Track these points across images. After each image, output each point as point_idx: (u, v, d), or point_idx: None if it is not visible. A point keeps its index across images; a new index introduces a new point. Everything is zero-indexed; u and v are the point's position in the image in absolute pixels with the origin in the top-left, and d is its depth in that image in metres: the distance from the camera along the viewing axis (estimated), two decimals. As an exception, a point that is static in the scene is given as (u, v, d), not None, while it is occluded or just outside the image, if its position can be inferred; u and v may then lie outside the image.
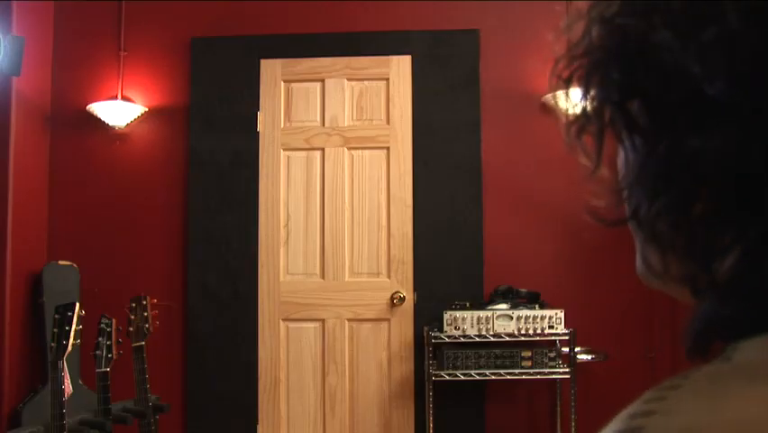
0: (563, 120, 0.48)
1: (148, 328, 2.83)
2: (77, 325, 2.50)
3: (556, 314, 3.30)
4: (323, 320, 3.71)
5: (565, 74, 0.47)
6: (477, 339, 3.31)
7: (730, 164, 0.40)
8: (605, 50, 0.45)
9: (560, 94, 2.79)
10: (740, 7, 0.39)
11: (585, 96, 0.47)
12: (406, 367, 3.65)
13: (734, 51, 0.39)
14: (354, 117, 3.78)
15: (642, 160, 0.44)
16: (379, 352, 3.68)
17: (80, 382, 3.48)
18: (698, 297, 0.44)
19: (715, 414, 0.37)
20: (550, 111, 3.57)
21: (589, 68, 0.46)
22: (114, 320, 2.66)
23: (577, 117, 0.47)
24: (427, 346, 3.39)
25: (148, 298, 2.88)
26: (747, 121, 0.39)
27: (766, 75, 0.39)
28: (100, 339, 2.60)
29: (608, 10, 0.45)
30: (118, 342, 2.67)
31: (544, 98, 3.59)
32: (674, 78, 0.41)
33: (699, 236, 0.42)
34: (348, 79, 3.79)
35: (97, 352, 2.59)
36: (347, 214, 3.74)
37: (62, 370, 2.46)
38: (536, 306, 3.37)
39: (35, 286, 3.54)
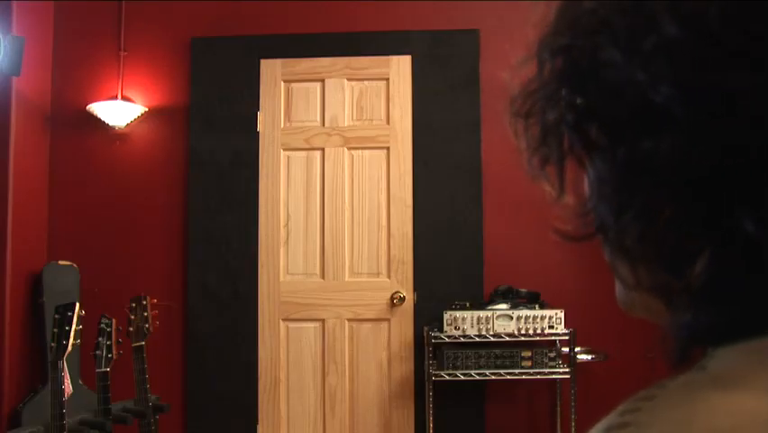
0: (524, 152, 0.49)
1: (148, 328, 2.83)
2: (77, 325, 2.50)
3: (556, 314, 3.30)
4: (323, 320, 3.71)
5: (524, 109, 0.48)
6: (477, 339, 3.31)
7: (683, 166, 0.41)
8: (556, 76, 0.46)
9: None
10: (675, 15, 0.40)
11: (543, 125, 0.47)
12: (406, 367, 3.65)
13: (674, 58, 0.40)
14: (354, 117, 3.78)
15: (602, 176, 0.45)
16: (379, 352, 3.68)
17: (80, 382, 3.48)
18: (671, 306, 0.45)
19: (687, 426, 0.37)
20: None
21: (544, 96, 0.47)
22: (114, 320, 2.66)
23: (537, 147, 0.48)
24: (427, 346, 3.39)
25: (148, 298, 2.88)
26: (694, 123, 0.40)
27: (706, 78, 0.40)
28: (100, 339, 2.60)
29: (556, 39, 0.46)
30: (118, 342, 2.67)
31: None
32: (623, 92, 0.42)
33: (667, 244, 0.43)
34: (348, 79, 3.79)
35: (97, 352, 2.59)
36: (347, 214, 3.74)
37: (62, 370, 2.46)
38: (536, 306, 3.37)
39: (35, 286, 3.54)
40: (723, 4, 0.40)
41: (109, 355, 2.60)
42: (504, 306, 3.37)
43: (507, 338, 3.30)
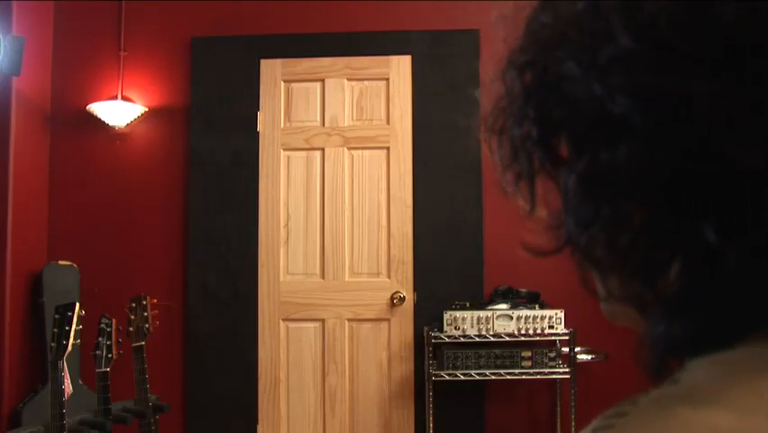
0: (498, 169, 0.50)
1: (148, 328, 2.83)
2: (77, 325, 2.50)
3: (556, 314, 3.30)
4: (323, 320, 3.71)
5: (497, 126, 0.49)
6: (477, 339, 3.31)
7: (641, 175, 0.41)
8: (522, 92, 0.47)
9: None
10: (629, 26, 0.41)
11: (512, 141, 0.48)
12: (406, 367, 3.65)
13: (629, 68, 0.41)
14: (354, 117, 3.78)
15: (568, 188, 0.45)
16: (379, 352, 3.68)
17: (80, 382, 3.48)
18: (645, 315, 0.45)
19: None
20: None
21: (512, 112, 0.48)
22: (114, 320, 2.66)
23: (509, 164, 0.49)
24: (427, 346, 3.39)
25: (148, 298, 2.88)
26: (652, 131, 0.40)
27: (662, 85, 0.40)
28: (100, 339, 2.60)
29: (519, 56, 0.47)
30: (118, 342, 2.67)
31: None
32: (583, 105, 0.43)
33: (636, 253, 0.43)
34: (348, 79, 3.79)
35: (97, 352, 2.59)
36: (347, 214, 3.74)
37: (62, 370, 2.46)
38: (536, 306, 3.37)
39: (35, 286, 3.54)
40: (674, 11, 0.40)
41: (109, 355, 2.60)
42: (504, 306, 3.37)
43: (507, 338, 3.30)
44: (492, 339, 3.30)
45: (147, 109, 3.77)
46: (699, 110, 0.39)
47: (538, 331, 3.29)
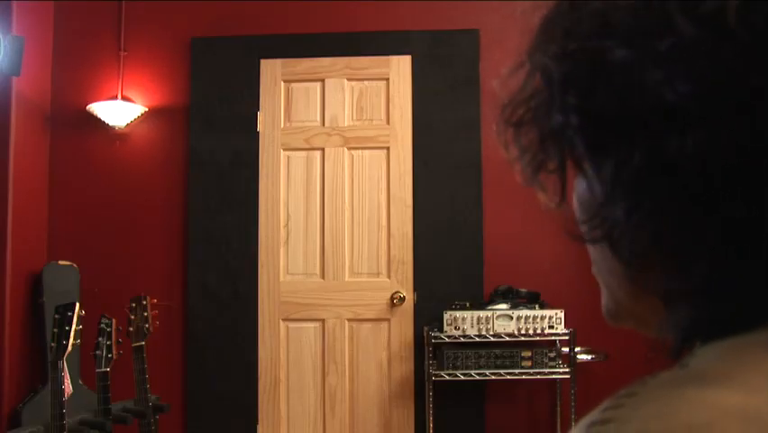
0: (515, 162, 0.49)
1: (148, 328, 2.83)
2: (77, 325, 2.50)
3: (556, 314, 3.30)
4: (323, 320, 3.71)
5: (515, 117, 0.48)
6: (477, 339, 3.31)
7: (702, 165, 0.41)
8: (555, 81, 0.46)
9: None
10: (691, 15, 0.41)
11: (541, 132, 0.47)
12: (406, 367, 3.65)
13: (691, 58, 0.41)
14: (354, 117, 3.78)
15: (613, 176, 0.44)
16: (379, 352, 3.68)
17: (80, 382, 3.48)
18: (671, 306, 0.45)
19: (666, 420, 0.38)
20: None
21: (542, 102, 0.47)
22: (114, 320, 2.66)
23: (534, 155, 0.48)
24: (427, 346, 3.39)
25: (148, 298, 2.88)
26: (715, 121, 0.40)
27: (725, 76, 0.40)
28: (100, 339, 2.60)
29: (553, 44, 0.46)
30: (118, 342, 2.67)
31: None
32: (637, 93, 0.42)
33: (682, 243, 0.43)
34: (348, 79, 3.79)
35: (97, 352, 2.59)
36: (347, 214, 3.74)
37: (62, 370, 2.46)
38: (536, 306, 3.37)
39: (35, 286, 3.54)
40: (741, 2, 0.40)
41: (109, 355, 2.60)
42: (504, 306, 3.37)
43: (507, 338, 3.30)
44: (492, 339, 3.30)
45: (147, 109, 3.77)
46: (760, 102, 0.40)
47: (538, 331, 3.29)
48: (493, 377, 3.33)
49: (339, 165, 3.76)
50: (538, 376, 3.34)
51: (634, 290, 0.48)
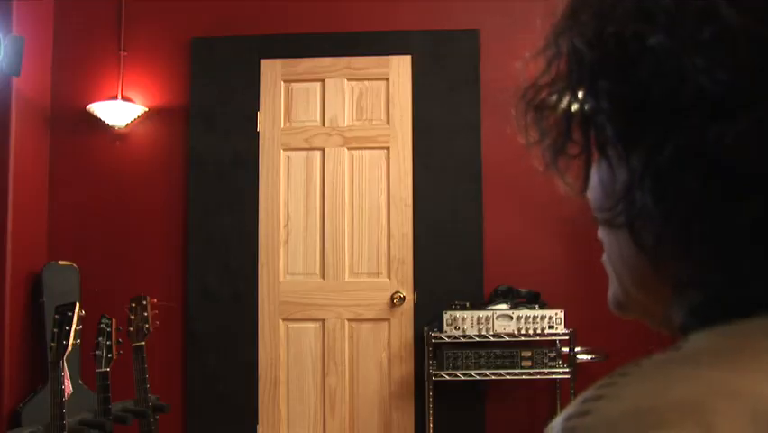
0: (534, 146, 0.49)
1: (148, 328, 2.83)
2: (77, 325, 2.50)
3: (556, 314, 3.30)
4: (323, 320, 3.71)
5: (537, 100, 0.48)
6: (477, 339, 3.30)
7: (743, 154, 0.40)
8: (587, 65, 0.45)
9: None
10: (736, 4, 0.41)
11: (567, 116, 0.47)
12: (406, 367, 3.65)
13: (735, 47, 0.40)
14: (354, 117, 3.78)
15: (644, 163, 0.44)
16: (379, 352, 3.68)
17: (80, 382, 3.48)
18: (680, 292, 0.46)
19: (659, 397, 0.38)
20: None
21: (569, 86, 0.46)
22: (114, 320, 2.66)
23: (556, 140, 0.48)
24: (427, 346, 3.39)
25: (148, 298, 2.88)
26: (757, 111, 0.40)
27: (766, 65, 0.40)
28: (100, 339, 2.60)
29: (580, 29, 0.46)
30: (118, 342, 2.67)
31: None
32: (677, 79, 0.42)
33: (713, 230, 0.43)
34: (348, 79, 3.79)
35: (97, 352, 2.59)
36: (347, 214, 3.74)
37: (62, 370, 2.46)
38: (536, 306, 3.37)
39: (35, 286, 3.54)
40: None
41: (109, 355, 2.60)
42: (504, 306, 3.37)
43: (507, 338, 3.30)
44: (492, 339, 3.30)
45: (147, 109, 3.77)
46: None
47: (538, 331, 3.29)
48: (493, 377, 3.33)
49: (339, 165, 3.76)
50: (538, 376, 3.34)
51: (643, 279, 0.48)
